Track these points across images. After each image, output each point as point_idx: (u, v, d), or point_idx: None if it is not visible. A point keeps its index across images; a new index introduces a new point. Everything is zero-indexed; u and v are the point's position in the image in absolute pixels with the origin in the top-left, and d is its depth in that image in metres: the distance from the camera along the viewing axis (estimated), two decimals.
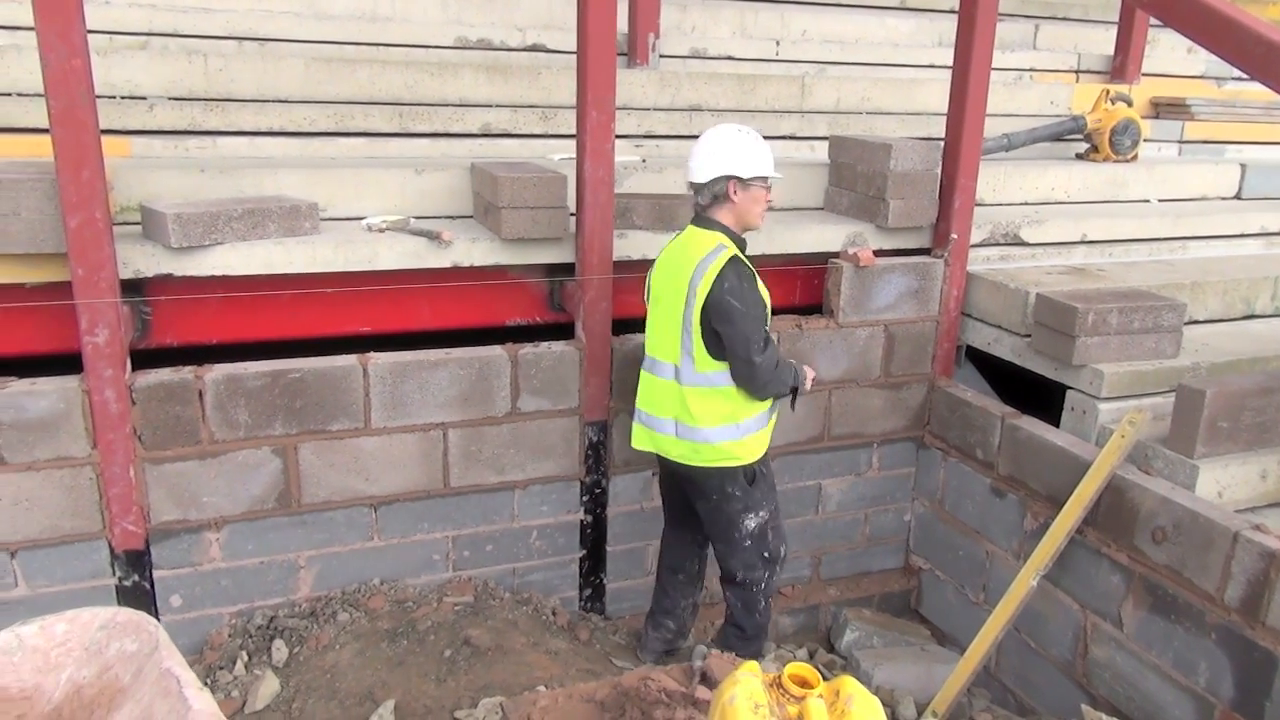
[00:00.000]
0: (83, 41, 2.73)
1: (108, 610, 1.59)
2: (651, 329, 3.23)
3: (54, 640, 1.55)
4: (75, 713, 1.50)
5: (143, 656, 1.49)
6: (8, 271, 2.91)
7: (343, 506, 3.37)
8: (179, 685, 1.40)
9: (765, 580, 3.33)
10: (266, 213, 3.21)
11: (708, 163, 3.06)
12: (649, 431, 3.27)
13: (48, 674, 1.52)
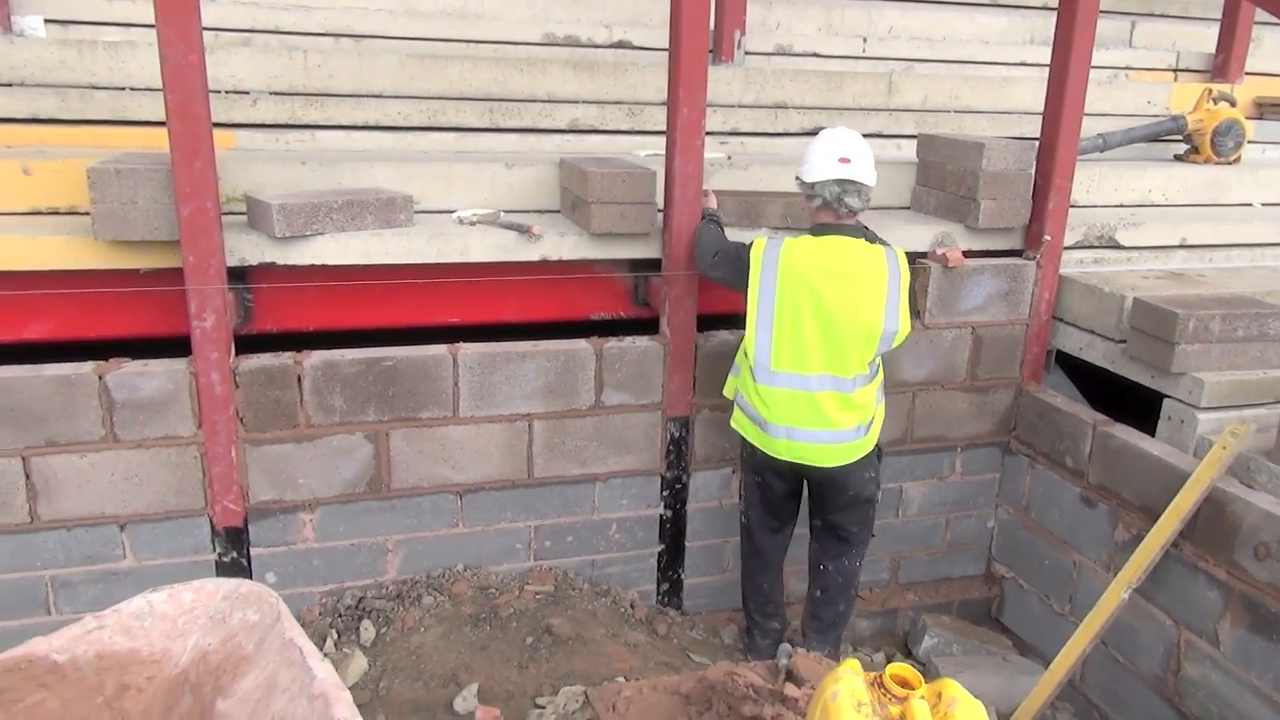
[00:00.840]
0: (199, 39, 2.84)
1: (230, 581, 1.65)
2: (805, 346, 3.09)
3: (181, 608, 1.62)
4: (201, 677, 1.57)
5: (265, 627, 1.56)
6: (124, 257, 3.04)
7: (430, 493, 3.45)
8: (302, 655, 1.45)
9: (861, 564, 3.45)
10: (364, 205, 3.30)
11: (873, 170, 3.12)
12: (792, 443, 3.18)
13: (175, 639, 1.60)
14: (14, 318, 3.12)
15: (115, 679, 1.57)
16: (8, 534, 3.01)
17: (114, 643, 1.59)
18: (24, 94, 3.67)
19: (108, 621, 1.61)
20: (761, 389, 3.17)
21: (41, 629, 3.11)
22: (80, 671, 1.56)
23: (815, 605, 3.51)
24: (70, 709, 1.54)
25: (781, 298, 3.08)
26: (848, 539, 3.39)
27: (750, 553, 3.51)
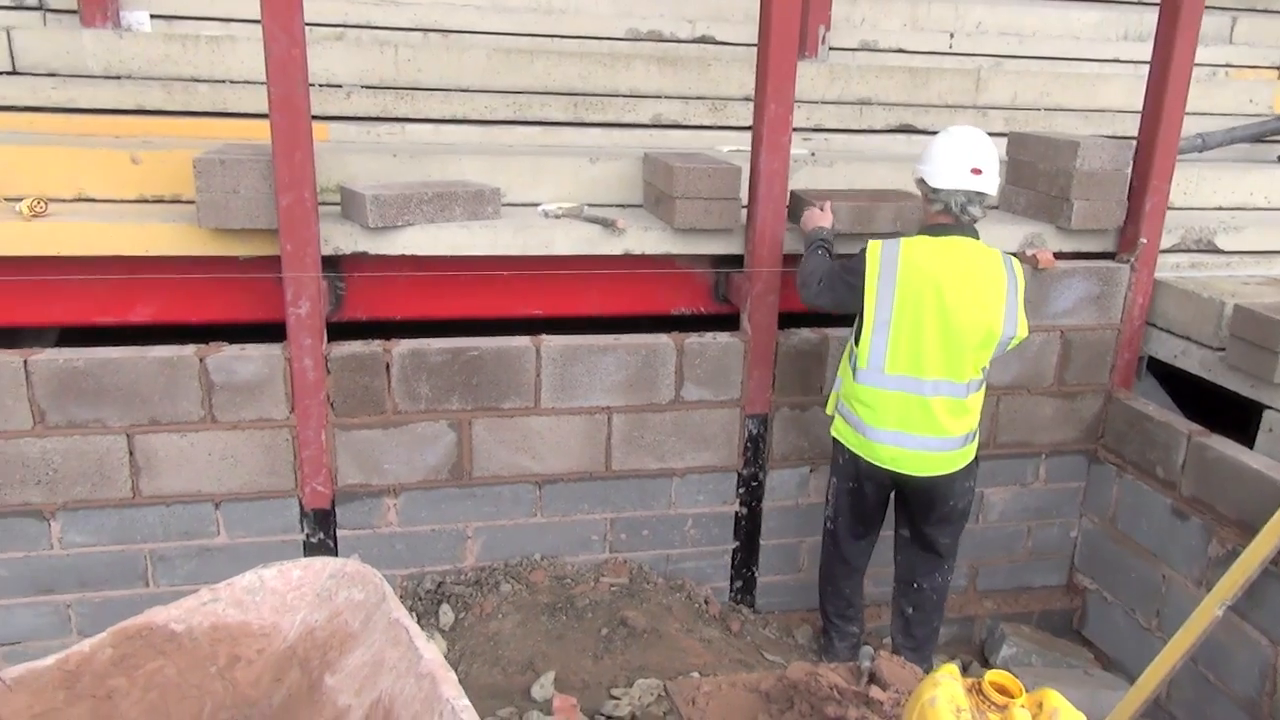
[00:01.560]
0: (302, 33, 2.91)
1: (337, 560, 1.70)
2: (923, 348, 3.01)
3: (290, 584, 1.68)
4: (309, 652, 1.62)
5: (370, 606, 1.60)
6: (225, 244, 3.14)
7: (510, 482, 3.49)
8: (408, 635, 1.49)
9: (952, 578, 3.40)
10: (453, 197, 3.36)
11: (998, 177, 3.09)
12: (899, 450, 3.11)
13: (284, 614, 1.65)
14: (122, 300, 3.25)
15: (227, 650, 1.64)
16: (112, 508, 3.14)
17: (227, 615, 1.65)
18: (132, 86, 3.82)
19: (221, 594, 1.68)
20: (870, 392, 3.10)
21: (140, 600, 3.25)
22: (195, 641, 1.63)
23: (908, 623, 3.44)
24: (186, 676, 1.61)
25: (901, 299, 3.01)
26: (940, 552, 3.32)
27: (834, 559, 3.46)
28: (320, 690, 1.56)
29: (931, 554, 3.35)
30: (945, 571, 3.38)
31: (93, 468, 3.08)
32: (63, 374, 2.99)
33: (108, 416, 3.06)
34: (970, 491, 3.29)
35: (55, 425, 3.03)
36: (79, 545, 3.15)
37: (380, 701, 1.42)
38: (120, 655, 1.60)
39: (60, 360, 2.98)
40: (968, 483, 3.25)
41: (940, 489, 3.19)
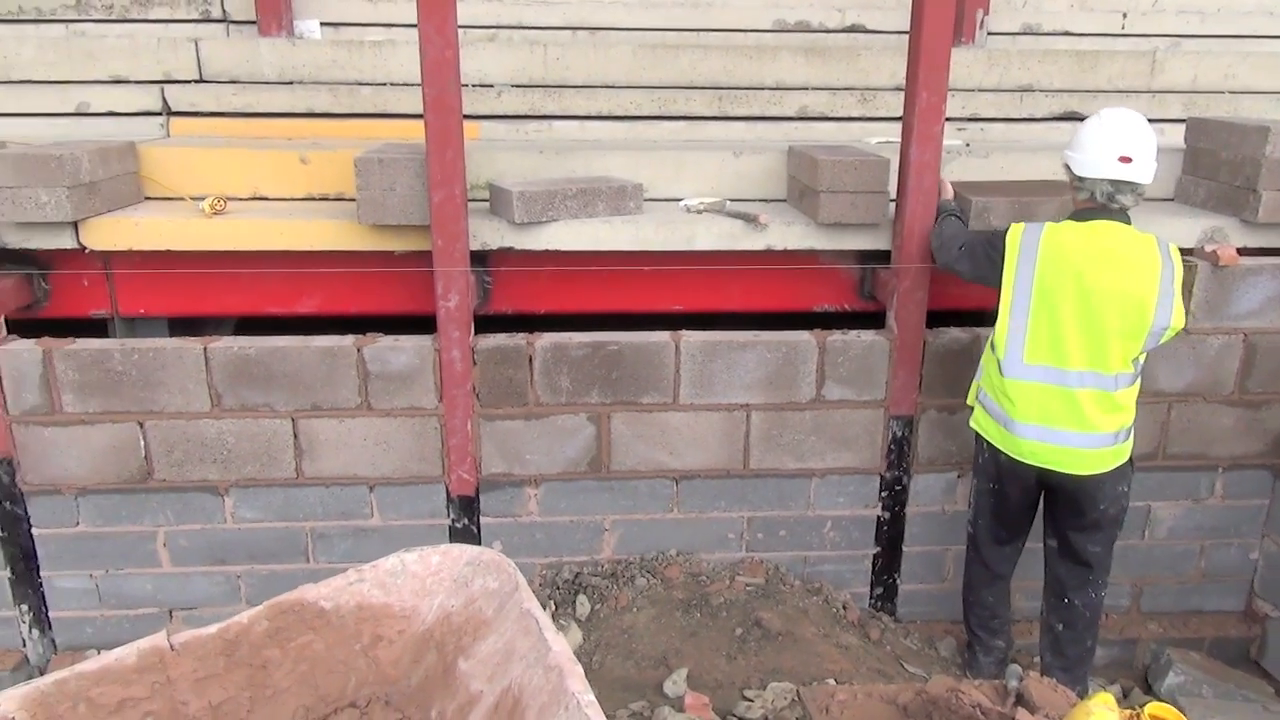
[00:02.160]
0: (454, 35, 3.01)
1: (473, 549, 1.75)
2: (1063, 336, 2.86)
3: (429, 569, 1.74)
4: (444, 636, 1.68)
5: (504, 595, 1.64)
6: (382, 240, 3.29)
7: (647, 477, 3.51)
8: (538, 626, 1.51)
9: (1106, 593, 3.19)
10: (597, 192, 3.39)
11: (1153, 166, 2.87)
12: (1042, 445, 2.95)
13: (423, 598, 1.71)
14: (290, 293, 3.47)
15: (371, 629, 1.71)
16: (278, 487, 3.35)
17: (371, 595, 1.73)
18: (302, 91, 4.06)
19: (367, 575, 1.76)
20: (1010, 384, 2.96)
21: (301, 574, 3.45)
22: (342, 619, 1.71)
23: (1058, 641, 3.25)
24: (333, 652, 1.70)
25: (1041, 284, 2.86)
26: (1090, 564, 3.11)
27: (976, 564, 3.32)
28: (454, 674, 1.62)
29: (1081, 566, 3.14)
30: (1097, 585, 3.16)
31: (262, 449, 3.30)
32: (237, 361, 3.21)
33: (275, 401, 3.26)
34: (1124, 497, 3.07)
35: (230, 408, 3.25)
36: (249, 520, 3.37)
37: (510, 690, 1.46)
38: (275, 628, 1.70)
39: (235, 348, 3.20)
40: (1120, 487, 3.03)
41: (1088, 490, 2.99)
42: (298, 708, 1.65)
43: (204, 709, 1.57)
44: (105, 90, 4.04)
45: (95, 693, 1.48)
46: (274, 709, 1.63)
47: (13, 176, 3.02)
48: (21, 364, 3.14)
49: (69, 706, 1.45)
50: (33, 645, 3.45)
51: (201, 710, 1.57)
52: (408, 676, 1.69)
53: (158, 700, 1.53)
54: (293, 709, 1.65)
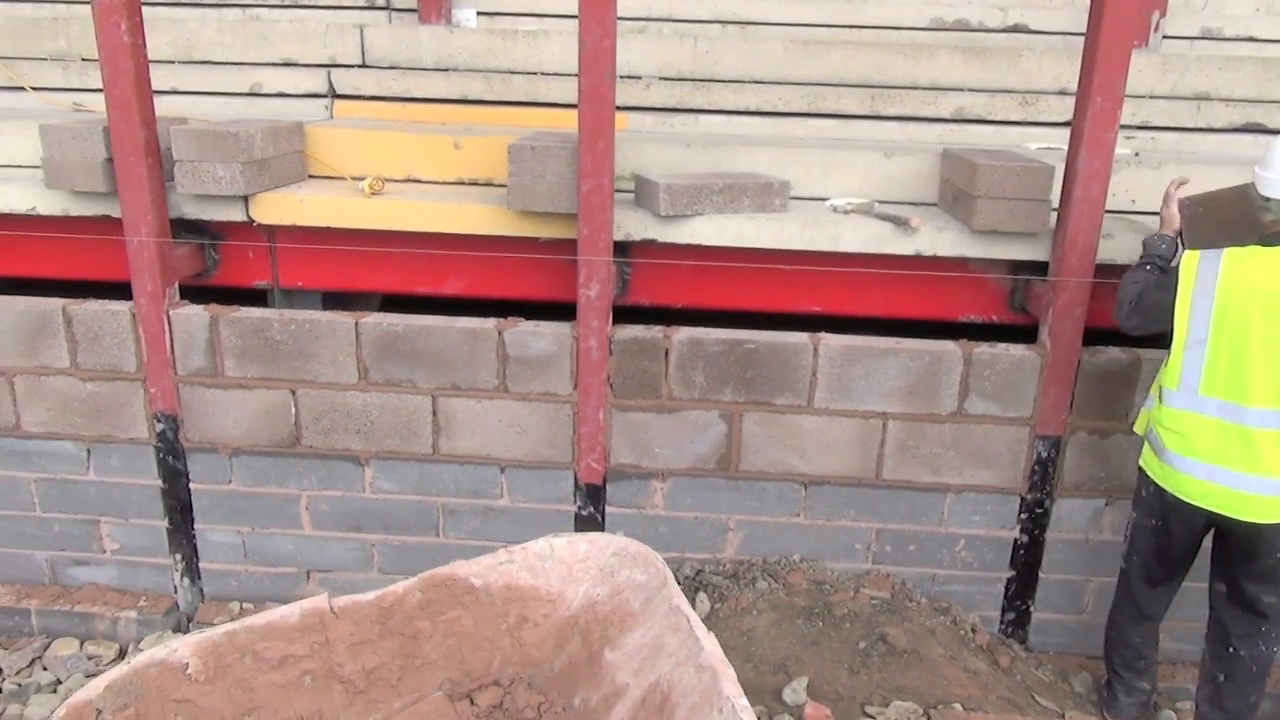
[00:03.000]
0: (614, 26, 3.01)
1: (620, 539, 1.75)
2: (1245, 371, 2.66)
3: (577, 556, 1.75)
4: (590, 624, 1.68)
5: (651, 589, 1.63)
6: (529, 226, 3.34)
7: (775, 479, 3.46)
8: (689, 624, 1.50)
9: (1276, 648, 2.92)
10: (742, 188, 3.35)
11: None
12: (1212, 486, 2.76)
13: (569, 584, 1.72)
14: (437, 273, 3.56)
15: (517, 610, 1.73)
16: (415, 461, 3.45)
17: (519, 577, 1.75)
18: (457, 78, 4.16)
19: (516, 557, 1.78)
20: (1182, 417, 2.77)
21: (431, 548, 3.55)
22: (491, 597, 1.74)
23: (1219, 693, 3.02)
24: (480, 628, 1.72)
25: (1220, 314, 2.66)
26: (1263, 613, 2.87)
27: (1126, 602, 3.12)
28: (600, 663, 1.62)
29: (1252, 615, 2.91)
30: (1270, 639, 2.92)
31: (402, 423, 3.40)
32: (385, 336, 3.32)
33: (418, 378, 3.36)
34: None
35: (375, 382, 3.37)
36: (386, 491, 3.49)
37: (659, 685, 1.44)
38: (427, 600, 1.74)
39: (384, 324, 3.31)
40: None
41: (1266, 538, 2.76)
42: (444, 680, 1.69)
43: (357, 672, 1.62)
44: (276, 72, 4.24)
45: (261, 646, 1.55)
46: (422, 678, 1.67)
47: (195, 151, 3.20)
48: (191, 328, 3.33)
49: (236, 657, 1.53)
50: (183, 593, 3.67)
51: (355, 673, 1.62)
52: (550, 660, 1.71)
53: (316, 659, 1.59)
54: (439, 680, 1.69)
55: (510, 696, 1.68)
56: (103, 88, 3.15)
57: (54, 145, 3.24)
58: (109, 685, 1.43)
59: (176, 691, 1.45)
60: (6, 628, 3.60)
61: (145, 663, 1.50)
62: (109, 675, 1.47)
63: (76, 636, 3.58)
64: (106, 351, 3.38)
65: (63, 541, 3.63)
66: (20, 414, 3.47)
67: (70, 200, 3.39)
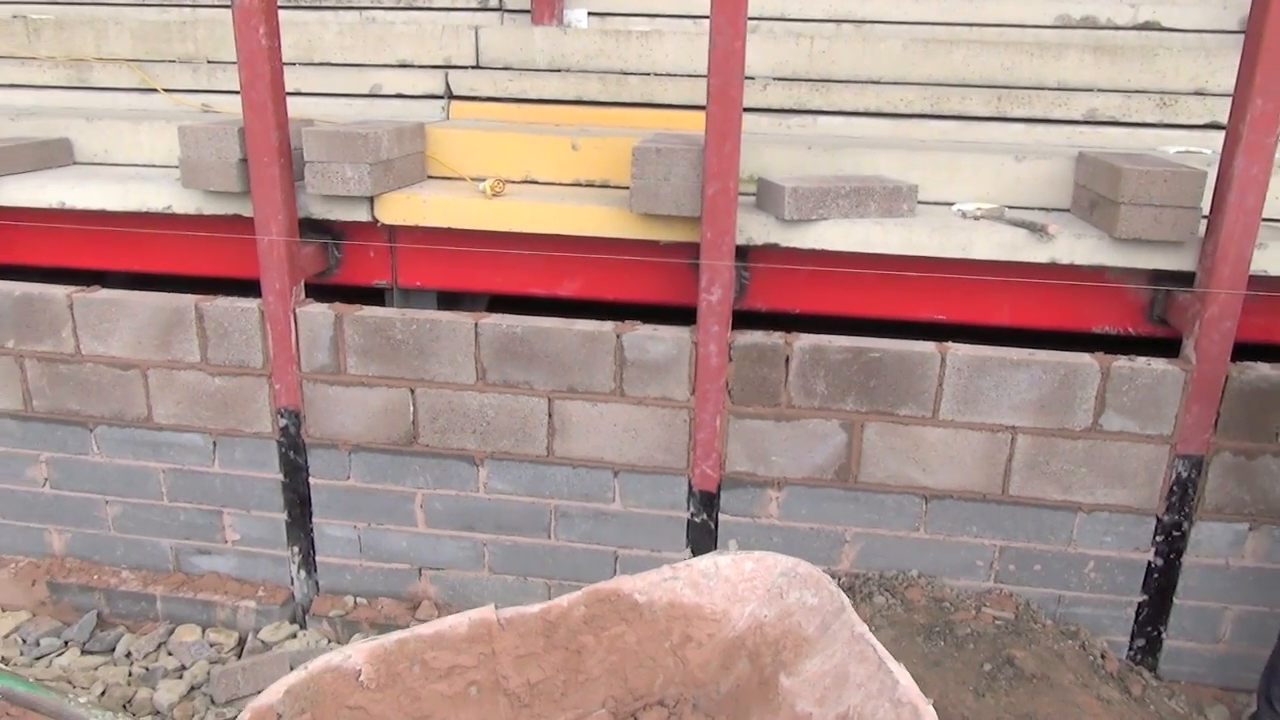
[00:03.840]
0: (745, 26, 2.95)
1: (788, 559, 1.70)
2: None
3: (742, 575, 1.70)
4: (758, 646, 1.64)
5: (827, 613, 1.58)
6: (649, 229, 3.31)
7: (895, 492, 3.36)
8: (877, 654, 1.44)
9: None
10: (869, 192, 3.26)
11: None
12: None
13: (734, 604, 1.68)
14: (553, 275, 3.56)
15: (681, 628, 1.70)
16: (529, 463, 3.45)
17: (683, 594, 1.71)
18: (573, 79, 4.16)
19: (680, 574, 1.74)
20: None
21: (542, 550, 3.55)
22: (654, 614, 1.70)
23: None
24: (643, 646, 1.69)
25: None
26: None
27: None
28: (774, 689, 1.57)
29: None
30: None
31: (518, 424, 3.41)
32: (504, 338, 3.32)
33: (535, 380, 3.36)
34: None
35: (492, 383, 3.38)
36: (499, 492, 3.50)
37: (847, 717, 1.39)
38: (591, 615, 1.71)
39: (504, 325, 3.32)
40: None
41: None
42: (607, 697, 1.66)
43: (522, 685, 1.61)
44: (394, 73, 4.30)
45: (430, 656, 1.55)
46: (585, 694, 1.65)
47: (324, 152, 3.26)
48: (316, 326, 3.39)
49: (406, 666, 1.53)
50: (299, 585, 3.74)
51: (520, 687, 1.61)
52: (716, 682, 1.67)
53: (482, 671, 1.58)
54: (602, 697, 1.66)
55: (676, 717, 1.64)
56: (239, 90, 3.22)
57: (191, 146, 3.33)
58: (288, 690, 1.44)
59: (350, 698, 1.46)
60: (133, 612, 3.72)
61: (321, 668, 1.51)
62: (287, 680, 1.49)
63: (198, 623, 3.68)
64: (235, 347, 3.46)
65: (187, 530, 3.73)
66: (152, 406, 3.58)
67: (203, 199, 3.49)
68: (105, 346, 3.53)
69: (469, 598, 3.66)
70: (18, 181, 3.58)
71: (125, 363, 3.54)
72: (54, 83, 4.48)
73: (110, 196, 3.55)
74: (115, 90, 4.45)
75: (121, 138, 3.86)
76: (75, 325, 3.52)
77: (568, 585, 3.59)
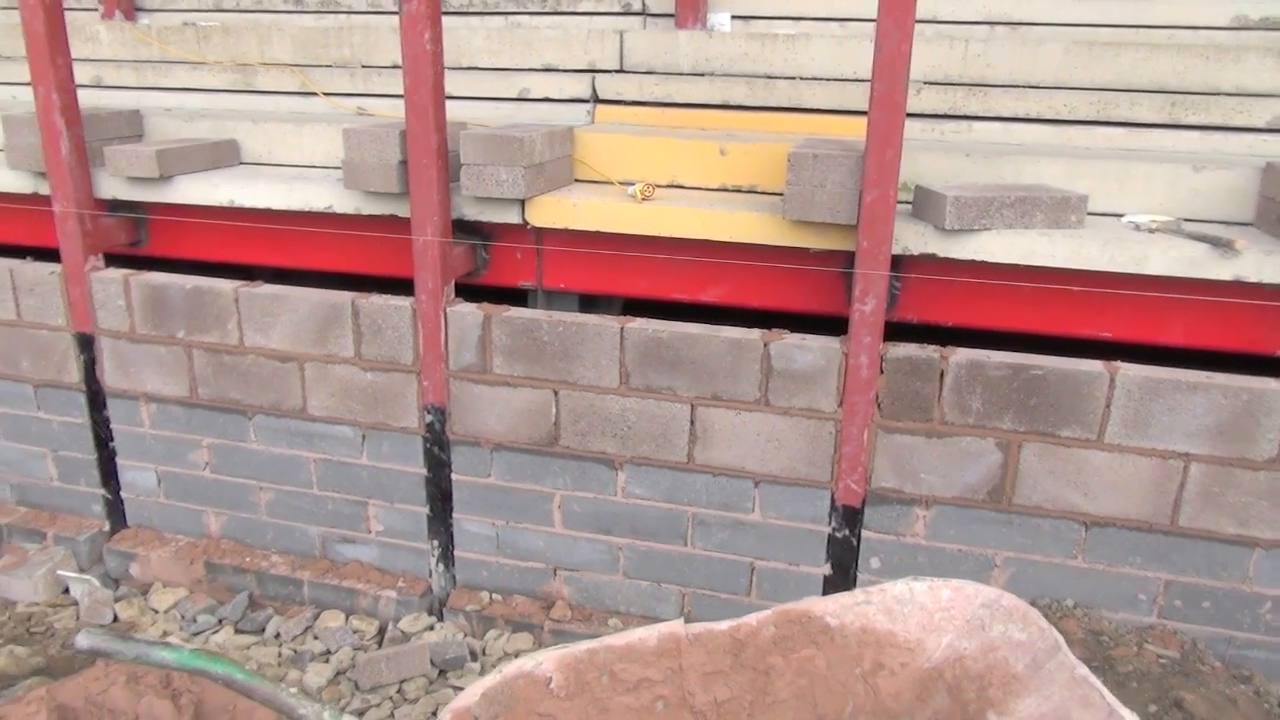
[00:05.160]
0: (912, 29, 2.86)
1: (990, 591, 1.62)
2: None
3: (939, 604, 1.63)
4: (959, 681, 1.57)
5: (1038, 651, 1.50)
6: (800, 236, 3.25)
7: (1052, 516, 3.20)
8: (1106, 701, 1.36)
9: None
10: (1035, 202, 3.12)
11: None
12: None
13: (930, 633, 1.61)
14: (697, 281, 3.53)
15: (872, 655, 1.64)
16: (668, 469, 3.43)
17: (876, 620, 1.65)
18: (719, 83, 4.12)
19: (874, 599, 1.69)
20: None
21: (678, 557, 3.52)
22: (845, 639, 1.65)
23: None
24: (833, 671, 1.64)
25: None
26: None
27: None
28: None
29: None
30: None
31: (659, 430, 3.39)
32: (649, 343, 3.31)
33: (678, 386, 3.33)
34: None
35: (635, 388, 3.37)
36: (637, 497, 3.49)
37: None
38: (780, 636, 1.67)
39: (649, 330, 3.31)
40: None
41: None
42: None
43: (709, 704, 1.58)
44: (540, 77, 4.35)
45: (619, 668, 1.53)
46: (771, 717, 1.61)
47: (481, 155, 3.31)
48: (465, 325, 3.45)
49: (595, 676, 1.52)
50: (437, 578, 3.82)
51: (706, 704, 1.58)
52: (910, 713, 1.60)
53: (669, 686, 1.56)
54: None
55: None
56: (401, 93, 3.31)
57: (354, 148, 3.44)
58: (484, 694, 1.45)
59: (540, 705, 1.46)
60: (282, 595, 3.87)
61: (514, 673, 1.51)
62: (484, 683, 1.50)
63: (342, 610, 3.80)
64: (387, 344, 3.55)
65: (334, 519, 3.86)
66: (307, 398, 3.71)
67: (362, 199, 3.60)
68: (266, 339, 3.68)
69: (602, 600, 3.67)
70: (192, 180, 3.77)
71: (284, 355, 3.68)
72: (221, 86, 4.71)
73: (276, 195, 3.70)
74: (276, 94, 4.64)
75: (285, 139, 4.02)
76: (240, 318, 3.68)
77: (702, 594, 3.56)
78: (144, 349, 3.83)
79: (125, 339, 3.84)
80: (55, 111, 3.61)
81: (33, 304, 3.92)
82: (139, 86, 4.84)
